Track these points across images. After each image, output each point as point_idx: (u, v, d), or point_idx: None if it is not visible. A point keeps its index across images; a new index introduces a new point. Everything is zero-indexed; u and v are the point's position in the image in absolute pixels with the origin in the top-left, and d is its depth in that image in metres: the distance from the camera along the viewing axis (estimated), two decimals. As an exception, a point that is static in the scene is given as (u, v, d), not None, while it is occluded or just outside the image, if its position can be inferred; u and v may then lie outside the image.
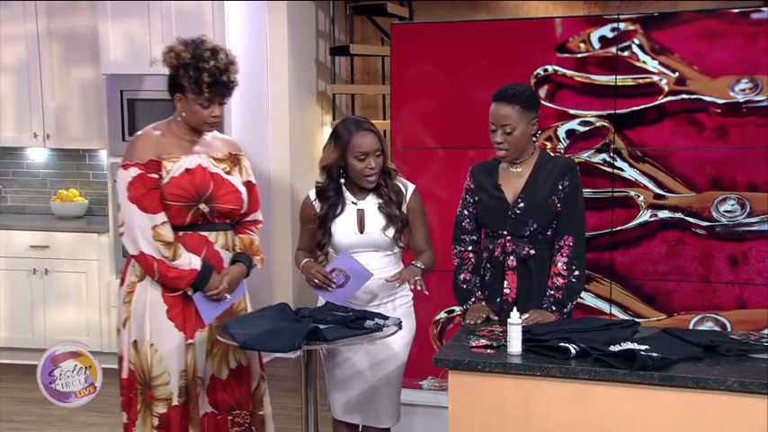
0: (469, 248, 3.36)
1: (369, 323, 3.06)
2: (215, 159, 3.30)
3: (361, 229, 3.30)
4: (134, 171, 3.14)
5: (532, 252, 3.21)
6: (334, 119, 6.43)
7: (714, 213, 3.99)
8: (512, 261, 3.22)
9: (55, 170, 6.36)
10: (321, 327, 2.97)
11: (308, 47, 6.32)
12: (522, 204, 3.21)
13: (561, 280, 3.16)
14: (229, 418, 3.36)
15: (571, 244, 3.18)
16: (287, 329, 2.98)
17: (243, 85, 5.55)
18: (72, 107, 5.88)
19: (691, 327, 4.00)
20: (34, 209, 6.38)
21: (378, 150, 3.25)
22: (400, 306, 3.38)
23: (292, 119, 6.04)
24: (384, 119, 6.40)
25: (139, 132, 3.29)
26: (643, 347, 2.68)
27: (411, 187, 3.40)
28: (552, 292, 3.16)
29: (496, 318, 3.20)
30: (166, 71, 3.22)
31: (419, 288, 3.15)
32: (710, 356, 2.74)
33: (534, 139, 3.30)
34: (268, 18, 5.92)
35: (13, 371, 5.59)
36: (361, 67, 6.72)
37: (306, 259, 3.33)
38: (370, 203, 3.33)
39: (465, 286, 3.32)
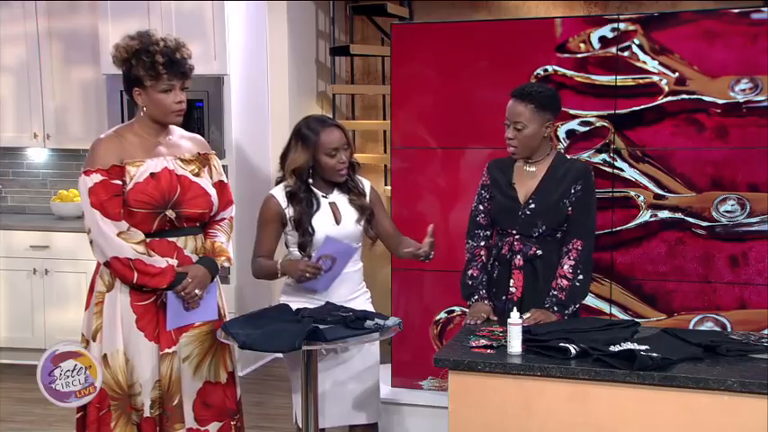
0: (482, 243, 3.36)
1: (369, 323, 3.06)
2: (182, 161, 3.19)
3: (338, 221, 3.32)
4: (96, 177, 3.04)
5: (539, 252, 3.21)
6: (334, 119, 6.42)
7: (714, 213, 3.99)
8: (518, 260, 3.23)
9: (55, 170, 6.36)
10: (321, 327, 2.97)
11: (308, 47, 6.32)
12: (532, 206, 3.21)
13: (565, 282, 3.15)
14: (232, 423, 3.30)
15: (579, 248, 3.18)
16: (287, 330, 2.98)
17: (243, 85, 5.62)
18: (72, 107, 5.88)
19: (691, 327, 4.00)
20: (34, 209, 6.38)
21: (345, 144, 3.30)
22: (367, 300, 3.43)
23: (292, 119, 6.02)
24: (384, 119, 6.40)
25: (101, 136, 3.17)
26: (643, 348, 2.68)
27: (367, 182, 3.47)
28: (555, 293, 3.16)
29: (496, 318, 3.20)
30: (119, 71, 3.12)
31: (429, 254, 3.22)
32: (711, 357, 2.74)
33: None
34: (268, 18, 5.92)
35: (14, 371, 5.59)
36: (361, 67, 6.72)
37: (281, 259, 3.28)
38: (339, 197, 3.36)
39: (470, 282, 3.33)
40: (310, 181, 3.32)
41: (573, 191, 3.20)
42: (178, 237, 3.17)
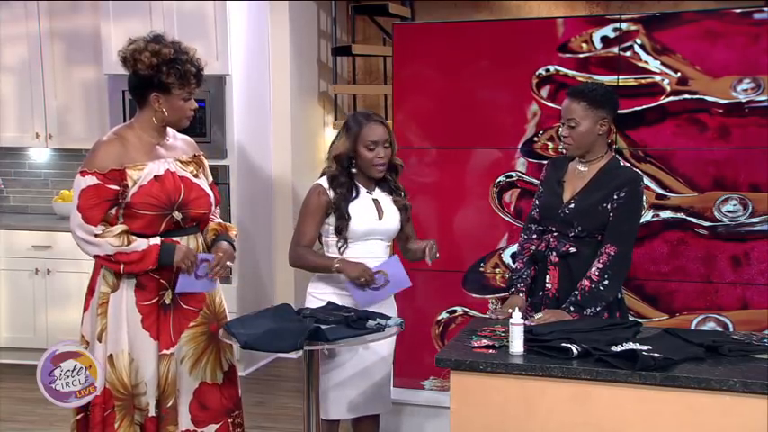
0: (533, 237, 3.40)
1: (370, 323, 3.06)
2: (181, 162, 3.22)
3: (380, 216, 3.38)
4: (91, 180, 3.03)
5: (572, 250, 3.23)
6: (335, 119, 6.43)
7: (716, 213, 3.98)
8: (554, 257, 3.25)
9: (57, 170, 6.36)
10: (323, 327, 2.97)
11: (310, 47, 6.33)
12: (572, 206, 3.23)
13: (588, 283, 3.15)
14: (230, 420, 3.31)
15: (612, 253, 3.17)
16: (289, 329, 2.98)
17: (245, 84, 5.62)
18: (74, 107, 5.89)
19: (693, 327, 4.00)
20: (36, 209, 6.39)
21: (386, 141, 3.37)
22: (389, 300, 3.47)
23: (294, 119, 6.04)
24: (386, 119, 6.39)
25: (103, 138, 3.17)
26: (645, 348, 2.68)
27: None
28: (576, 293, 3.16)
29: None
30: (131, 72, 3.11)
31: (433, 257, 3.34)
32: (712, 357, 2.73)
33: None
34: (270, 18, 5.92)
35: (15, 371, 5.59)
36: (362, 67, 6.72)
37: (340, 256, 3.31)
38: (382, 196, 3.43)
39: (511, 274, 3.42)
40: (354, 171, 3.38)
41: (616, 197, 3.19)
42: (181, 237, 3.18)
